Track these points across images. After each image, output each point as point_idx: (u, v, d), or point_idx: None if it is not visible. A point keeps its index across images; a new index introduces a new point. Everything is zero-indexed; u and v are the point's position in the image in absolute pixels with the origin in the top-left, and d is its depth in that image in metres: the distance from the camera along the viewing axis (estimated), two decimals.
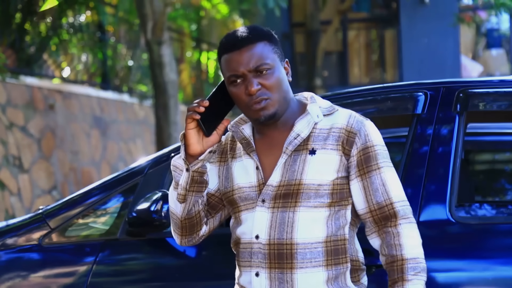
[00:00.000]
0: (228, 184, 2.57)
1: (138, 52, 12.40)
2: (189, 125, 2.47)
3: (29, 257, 3.48)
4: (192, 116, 2.46)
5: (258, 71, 2.45)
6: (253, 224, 2.49)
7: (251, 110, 2.47)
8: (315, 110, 2.51)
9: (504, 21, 18.14)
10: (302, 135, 2.48)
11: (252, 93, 2.44)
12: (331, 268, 2.46)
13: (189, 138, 2.49)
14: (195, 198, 2.56)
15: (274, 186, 2.48)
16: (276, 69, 2.47)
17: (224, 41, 2.51)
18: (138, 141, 11.61)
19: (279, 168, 2.48)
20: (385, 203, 2.48)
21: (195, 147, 2.49)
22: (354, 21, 16.90)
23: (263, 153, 2.53)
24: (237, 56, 2.45)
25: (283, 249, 2.45)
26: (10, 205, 8.29)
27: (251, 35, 2.47)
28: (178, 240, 2.66)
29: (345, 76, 16.60)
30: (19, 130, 8.68)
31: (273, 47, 2.49)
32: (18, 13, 9.62)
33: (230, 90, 2.49)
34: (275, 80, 2.46)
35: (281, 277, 2.45)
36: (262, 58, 2.45)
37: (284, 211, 2.46)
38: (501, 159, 5.28)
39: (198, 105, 2.46)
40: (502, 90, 3.24)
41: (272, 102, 2.46)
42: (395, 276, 2.44)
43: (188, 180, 2.52)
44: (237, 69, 2.45)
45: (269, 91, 2.45)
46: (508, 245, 2.93)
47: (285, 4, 9.47)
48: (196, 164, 2.50)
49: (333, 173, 2.46)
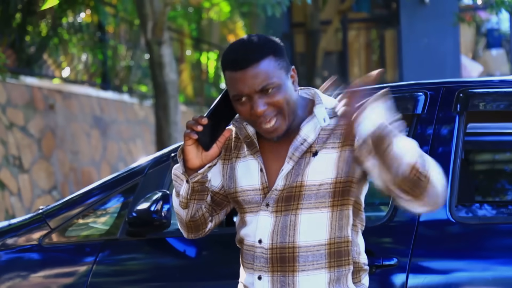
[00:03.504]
0: (231, 184, 2.55)
1: (138, 52, 12.39)
2: (187, 142, 2.43)
3: (29, 257, 3.48)
4: (189, 135, 2.41)
5: (264, 90, 2.38)
6: (256, 228, 2.47)
7: (260, 128, 2.43)
8: (321, 112, 2.46)
9: (504, 21, 18.13)
10: (309, 141, 2.44)
11: (259, 115, 2.38)
12: (333, 270, 2.44)
13: (187, 154, 2.45)
14: (197, 206, 2.54)
15: (278, 190, 2.45)
16: (283, 86, 2.40)
17: (228, 57, 2.42)
18: (138, 141, 11.61)
19: (285, 173, 2.45)
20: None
21: (194, 162, 2.45)
22: (354, 21, 16.89)
23: (267, 155, 2.50)
24: (242, 76, 2.38)
25: (285, 253, 2.44)
26: (10, 205, 8.29)
27: (255, 53, 2.38)
28: (185, 235, 2.65)
29: (345, 76, 16.60)
30: (19, 130, 8.68)
31: (279, 62, 2.40)
32: (18, 13, 9.62)
33: (235, 106, 2.43)
34: (282, 97, 2.39)
35: (283, 280, 2.44)
36: (268, 78, 2.37)
37: (286, 215, 2.44)
38: (501, 159, 5.28)
39: (196, 124, 2.41)
40: (502, 90, 3.24)
41: (282, 119, 2.40)
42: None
43: (189, 191, 2.50)
44: (242, 90, 2.38)
45: (276, 108, 2.40)
46: (508, 245, 2.93)
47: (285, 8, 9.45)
48: (196, 177, 2.47)
49: (333, 171, 2.43)
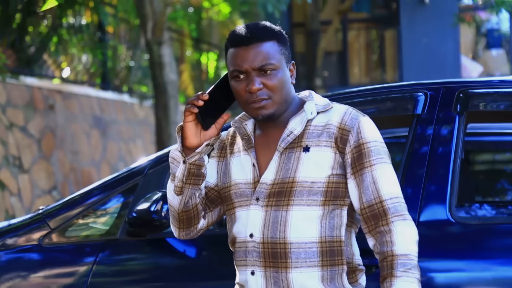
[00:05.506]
0: (226, 180, 2.57)
1: (138, 52, 12.39)
2: (187, 118, 2.46)
3: (29, 257, 3.48)
4: (190, 109, 2.45)
5: (262, 70, 2.44)
6: (247, 222, 2.48)
7: (249, 108, 2.46)
8: (310, 107, 2.50)
9: (504, 21, 18.13)
10: (295, 132, 2.47)
11: (253, 91, 2.43)
12: (326, 269, 2.45)
13: (186, 131, 2.48)
14: (192, 191, 2.54)
15: (268, 184, 2.47)
16: (281, 70, 2.46)
17: (233, 34, 2.49)
18: (138, 141, 11.61)
19: (273, 166, 2.47)
20: (374, 201, 2.43)
21: (192, 140, 2.48)
22: (354, 21, 16.90)
23: (261, 150, 2.52)
24: (243, 52, 2.44)
25: (277, 248, 2.44)
26: (10, 205, 8.29)
27: (260, 33, 2.45)
28: (176, 233, 2.65)
29: (345, 76, 16.60)
30: (19, 130, 8.68)
31: (281, 48, 2.47)
32: (18, 13, 9.62)
33: (232, 85, 2.48)
34: (278, 81, 2.45)
35: (276, 276, 2.44)
36: (268, 57, 2.44)
37: (277, 210, 2.45)
38: (501, 159, 5.28)
39: (197, 98, 2.45)
40: (502, 90, 3.24)
41: (272, 103, 2.45)
42: (384, 272, 2.39)
43: (185, 173, 2.51)
44: (241, 65, 2.44)
45: (270, 91, 2.44)
46: (508, 245, 2.93)
47: (285, 7, 9.45)
48: (193, 157, 2.49)
49: (327, 170, 2.44)
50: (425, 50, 15.51)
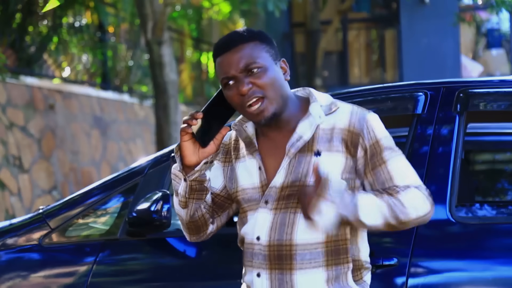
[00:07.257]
0: (232, 186, 2.57)
1: (138, 52, 12.39)
2: (183, 138, 2.45)
3: (29, 257, 3.48)
4: (185, 129, 2.44)
5: (249, 70, 2.43)
6: (255, 225, 2.48)
7: (247, 112, 2.45)
8: (316, 110, 2.48)
9: (504, 21, 18.12)
10: (305, 138, 2.46)
11: (243, 93, 2.42)
12: (331, 268, 2.45)
13: (184, 150, 2.47)
14: (196, 205, 2.55)
15: (277, 188, 2.46)
16: (269, 68, 2.45)
17: (215, 46, 2.51)
18: (138, 141, 11.61)
19: (283, 170, 2.46)
20: (387, 185, 2.45)
21: (191, 158, 2.47)
22: (354, 21, 16.88)
23: (266, 154, 2.52)
24: (226, 58, 2.44)
25: (283, 250, 2.44)
26: (10, 205, 8.29)
27: (240, 36, 2.46)
28: (187, 237, 2.66)
29: (345, 76, 16.59)
30: (19, 130, 8.68)
31: (264, 46, 2.47)
32: (18, 13, 9.62)
33: (225, 94, 2.47)
34: (268, 78, 2.43)
35: (281, 278, 2.45)
36: (252, 57, 2.43)
37: (285, 212, 2.45)
38: (501, 159, 5.28)
39: (192, 118, 2.43)
40: (502, 90, 3.24)
41: (268, 101, 2.43)
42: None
43: (187, 189, 2.52)
44: (227, 70, 2.44)
45: (261, 89, 2.43)
46: (508, 245, 2.93)
47: (285, 6, 9.44)
48: (193, 175, 2.49)
49: (337, 174, 2.43)
50: (425, 50, 15.50)
